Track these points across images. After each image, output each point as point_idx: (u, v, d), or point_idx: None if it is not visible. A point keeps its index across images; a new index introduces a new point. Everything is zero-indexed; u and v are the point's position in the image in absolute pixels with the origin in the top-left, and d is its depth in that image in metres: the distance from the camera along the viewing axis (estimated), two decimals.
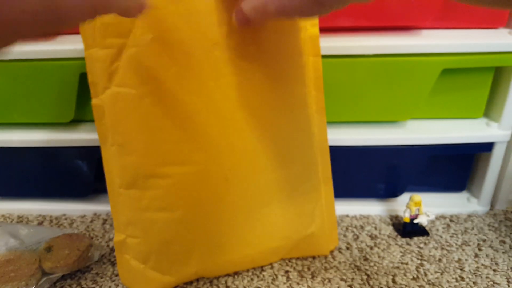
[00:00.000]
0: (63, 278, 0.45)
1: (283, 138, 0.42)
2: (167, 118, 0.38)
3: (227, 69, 0.38)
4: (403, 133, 0.53)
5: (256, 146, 0.41)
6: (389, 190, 0.57)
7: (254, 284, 0.45)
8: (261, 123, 0.41)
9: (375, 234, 0.52)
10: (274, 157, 0.42)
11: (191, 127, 0.39)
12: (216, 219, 0.42)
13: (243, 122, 0.40)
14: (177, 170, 0.40)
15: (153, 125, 0.38)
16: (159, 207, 0.41)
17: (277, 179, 0.43)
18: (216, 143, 0.39)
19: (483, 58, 0.49)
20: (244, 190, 0.42)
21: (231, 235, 0.43)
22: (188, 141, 0.39)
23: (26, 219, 0.56)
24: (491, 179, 0.56)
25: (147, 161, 0.39)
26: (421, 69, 0.49)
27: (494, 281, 0.45)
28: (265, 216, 0.44)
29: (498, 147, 0.54)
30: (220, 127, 0.39)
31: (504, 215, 0.57)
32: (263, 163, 0.42)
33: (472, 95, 0.54)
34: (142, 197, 0.40)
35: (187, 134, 0.39)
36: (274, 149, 0.42)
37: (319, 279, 0.45)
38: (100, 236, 0.52)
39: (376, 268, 0.47)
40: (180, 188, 0.40)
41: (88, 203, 0.58)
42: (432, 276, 0.46)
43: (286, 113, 0.42)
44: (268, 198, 0.43)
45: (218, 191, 0.41)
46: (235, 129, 0.40)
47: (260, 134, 0.41)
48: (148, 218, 0.41)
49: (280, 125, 0.42)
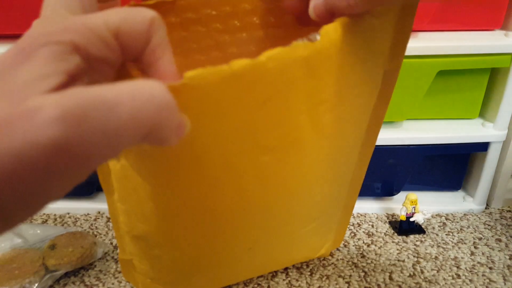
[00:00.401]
0: (66, 275, 0.46)
1: (317, 202, 0.38)
2: (186, 209, 0.32)
3: (274, 168, 0.31)
4: (399, 133, 0.54)
5: (288, 221, 0.37)
6: (385, 189, 0.58)
7: (254, 281, 0.46)
8: (297, 201, 0.36)
9: (372, 232, 0.53)
10: (303, 221, 0.39)
11: (221, 224, 0.34)
12: (233, 273, 0.42)
13: (279, 208, 0.35)
14: (192, 249, 0.36)
15: (174, 219, 0.33)
16: (172, 260, 0.38)
17: (300, 235, 0.41)
18: (245, 229, 0.36)
19: (479, 60, 0.50)
20: (266, 251, 0.40)
21: (243, 275, 0.44)
22: (216, 235, 0.35)
23: (30, 218, 0.57)
24: (486, 178, 0.57)
25: (162, 236, 0.35)
26: (418, 70, 0.50)
27: (490, 278, 0.46)
28: (282, 258, 0.44)
29: (494, 147, 0.54)
30: (253, 218, 0.35)
31: (499, 213, 0.57)
32: (292, 229, 0.39)
33: (468, 96, 0.55)
34: (153, 248, 0.37)
35: (215, 229, 0.34)
36: (305, 215, 0.38)
37: (317, 276, 0.46)
38: (103, 234, 0.53)
39: (373, 265, 0.48)
40: (197, 253, 0.37)
41: (92, 201, 0.59)
42: (428, 273, 0.46)
43: (335, 168, 0.36)
44: (289, 248, 0.42)
45: (239, 257, 0.39)
46: (268, 217, 0.35)
47: (294, 210, 0.36)
48: (157, 261, 0.39)
49: (324, 184, 0.36)
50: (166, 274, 0.40)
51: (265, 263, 0.44)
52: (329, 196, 0.39)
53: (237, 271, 0.43)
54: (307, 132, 0.30)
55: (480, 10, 0.51)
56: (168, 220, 0.34)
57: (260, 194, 0.32)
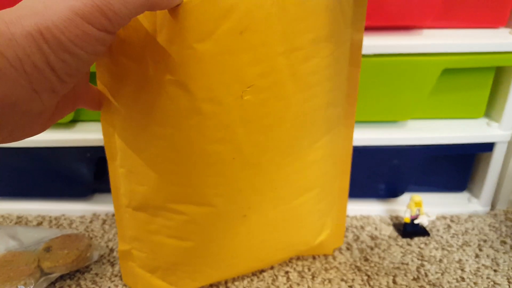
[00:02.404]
0: (62, 278, 0.45)
1: (308, 167, 0.39)
2: (183, 164, 0.34)
3: (259, 113, 0.33)
4: (403, 133, 0.53)
5: (280, 183, 0.38)
6: (389, 190, 0.57)
7: (254, 285, 0.45)
8: (287, 160, 0.37)
9: (376, 235, 0.52)
10: (296, 188, 0.40)
11: (211, 174, 0.35)
12: (231, 250, 0.41)
13: (269, 164, 0.36)
14: (191, 209, 0.37)
15: (167, 168, 0.35)
16: (169, 234, 0.39)
17: (295, 207, 0.41)
18: (238, 187, 0.36)
19: (484, 58, 0.49)
20: (262, 222, 0.40)
21: (244, 258, 0.42)
22: (207, 187, 0.35)
23: (26, 220, 0.56)
24: (491, 179, 0.56)
25: (158, 195, 0.36)
26: (422, 69, 0.49)
27: (495, 281, 0.45)
28: (280, 237, 0.43)
29: (499, 147, 0.54)
30: (243, 173, 0.35)
31: (504, 215, 0.56)
32: (285, 195, 0.39)
33: (472, 95, 0.54)
34: (151, 222, 0.38)
35: (206, 180, 0.35)
36: (298, 181, 0.39)
37: (319, 280, 0.45)
38: (99, 236, 0.52)
39: (376, 269, 0.47)
40: (194, 224, 0.38)
41: (88, 203, 0.58)
42: (432, 276, 0.45)
43: (314, 140, 0.38)
44: (285, 224, 0.42)
45: (235, 226, 0.39)
46: (259, 172, 0.36)
47: (285, 171, 0.37)
48: (156, 240, 0.39)
49: (307, 155, 0.38)
50: (166, 259, 0.40)
51: (264, 245, 0.42)
52: (317, 164, 0.40)
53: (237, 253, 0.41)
54: (286, 78, 0.32)
55: (485, 8, 0.50)
56: (165, 178, 0.35)
57: (247, 141, 0.34)
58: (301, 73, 0.33)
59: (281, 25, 0.30)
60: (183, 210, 0.37)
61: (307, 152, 0.38)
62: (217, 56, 0.29)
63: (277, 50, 0.31)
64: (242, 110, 0.32)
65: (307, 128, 0.36)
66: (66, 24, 0.21)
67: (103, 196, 0.59)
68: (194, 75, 0.30)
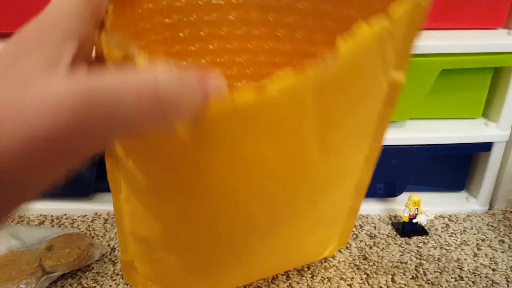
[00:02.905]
0: (64, 277, 0.46)
1: (326, 207, 0.37)
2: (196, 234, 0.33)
3: (280, 199, 0.31)
4: (402, 133, 0.53)
5: (292, 230, 0.37)
6: (388, 190, 0.57)
7: (254, 284, 0.45)
8: (304, 220, 0.36)
9: (374, 234, 0.53)
10: (310, 228, 0.39)
11: (222, 239, 0.34)
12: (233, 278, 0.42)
13: (283, 227, 0.35)
14: (195, 258, 0.36)
15: (170, 226, 0.33)
16: (175, 266, 0.38)
17: (307, 241, 0.41)
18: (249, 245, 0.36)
19: (482, 59, 0.49)
20: (270, 259, 0.40)
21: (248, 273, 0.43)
22: (217, 245, 0.35)
23: (27, 219, 0.56)
24: (489, 178, 0.56)
25: (161, 244, 0.35)
26: (420, 69, 0.49)
27: (493, 280, 0.45)
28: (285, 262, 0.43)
29: (497, 147, 0.54)
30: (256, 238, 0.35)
31: (503, 214, 0.57)
32: (297, 237, 0.39)
33: (470, 95, 0.54)
34: (155, 253, 0.37)
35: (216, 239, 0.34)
36: (313, 222, 0.38)
37: (318, 278, 0.45)
38: (101, 235, 0.52)
39: (375, 267, 0.47)
40: (202, 259, 0.37)
41: (89, 202, 0.58)
42: (431, 275, 0.46)
43: (332, 190, 0.36)
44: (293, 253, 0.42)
45: (240, 263, 0.39)
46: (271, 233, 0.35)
47: (301, 220, 0.36)
48: (160, 266, 0.38)
49: (330, 196, 0.36)
50: (168, 278, 0.40)
51: (266, 268, 0.43)
52: (334, 205, 0.38)
53: (238, 275, 0.42)
54: (314, 155, 0.29)
55: (483, 9, 0.51)
56: (170, 231, 0.33)
57: (264, 218, 0.32)
58: (331, 146, 0.30)
59: (317, 110, 0.26)
60: (190, 255, 0.36)
61: (325, 202, 0.37)
62: (243, 158, 0.27)
63: (309, 134, 0.28)
64: (262, 196, 0.30)
65: (327, 187, 0.35)
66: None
67: (104, 195, 0.59)
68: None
